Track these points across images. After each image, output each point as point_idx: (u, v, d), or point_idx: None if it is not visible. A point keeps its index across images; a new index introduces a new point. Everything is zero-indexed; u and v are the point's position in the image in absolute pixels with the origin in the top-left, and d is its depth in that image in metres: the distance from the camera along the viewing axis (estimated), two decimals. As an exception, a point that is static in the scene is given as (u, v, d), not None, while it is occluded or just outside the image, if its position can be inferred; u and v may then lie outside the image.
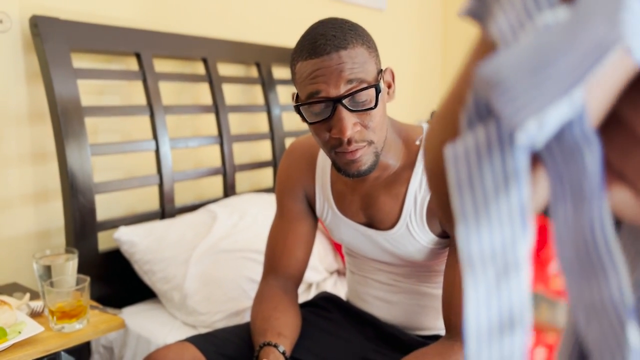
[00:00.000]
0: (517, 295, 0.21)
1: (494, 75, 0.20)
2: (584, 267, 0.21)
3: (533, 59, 0.20)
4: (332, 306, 1.21)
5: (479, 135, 0.21)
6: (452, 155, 0.22)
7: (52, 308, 1.14)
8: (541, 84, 0.19)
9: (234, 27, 2.03)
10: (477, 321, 0.22)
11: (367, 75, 0.88)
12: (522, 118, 0.20)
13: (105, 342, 1.49)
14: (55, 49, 1.42)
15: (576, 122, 0.20)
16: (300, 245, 1.13)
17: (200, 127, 1.94)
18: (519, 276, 0.21)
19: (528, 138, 0.20)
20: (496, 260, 0.21)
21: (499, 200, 0.21)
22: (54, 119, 1.42)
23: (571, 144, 0.20)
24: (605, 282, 0.21)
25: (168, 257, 1.49)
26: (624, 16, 0.18)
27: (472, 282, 0.22)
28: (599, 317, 0.22)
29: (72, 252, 1.27)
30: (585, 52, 0.18)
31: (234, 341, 1.08)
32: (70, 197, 1.42)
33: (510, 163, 0.21)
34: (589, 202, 0.21)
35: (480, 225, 0.21)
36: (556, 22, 0.20)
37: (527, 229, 0.21)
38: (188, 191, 1.90)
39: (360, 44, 0.88)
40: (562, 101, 0.19)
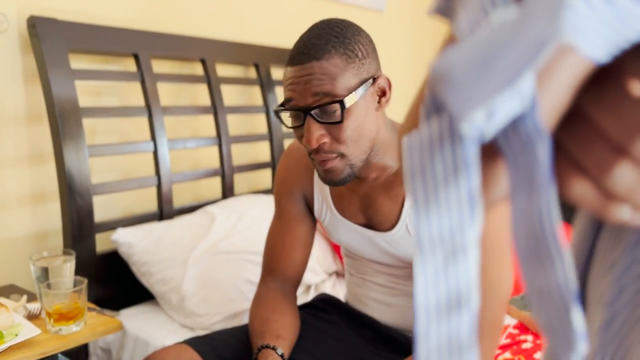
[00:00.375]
0: (464, 278, 0.23)
1: (443, 68, 0.21)
2: (534, 254, 0.23)
3: (480, 54, 0.21)
4: (331, 308, 1.21)
5: (432, 126, 0.23)
6: (407, 146, 0.23)
7: (49, 310, 1.13)
8: (485, 77, 0.20)
9: (232, 28, 2.02)
10: (425, 301, 0.23)
11: (335, 89, 0.87)
12: (465, 109, 0.20)
13: (103, 344, 1.48)
14: (53, 49, 1.41)
15: (529, 115, 0.21)
16: (299, 247, 1.12)
17: (199, 128, 1.94)
18: (467, 260, 0.22)
19: (474, 129, 0.21)
20: (444, 244, 0.23)
21: (448, 188, 0.22)
22: (52, 120, 1.42)
23: (525, 136, 0.21)
24: (552, 268, 0.22)
25: (166, 258, 1.48)
26: (563, 14, 0.19)
27: (421, 264, 0.23)
28: (547, 301, 0.23)
29: (69, 254, 1.26)
30: (526, 46, 0.19)
31: (232, 343, 1.08)
32: (68, 199, 1.42)
33: (460, 153, 0.22)
34: (538, 192, 0.22)
35: (430, 211, 0.23)
36: (506, 19, 0.21)
37: (475, 216, 0.22)
38: (186, 192, 1.89)
39: (340, 54, 0.87)
40: (505, 93, 0.20)
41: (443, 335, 0.23)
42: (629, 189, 0.22)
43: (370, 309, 1.14)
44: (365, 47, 0.91)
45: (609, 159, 0.22)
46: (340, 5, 2.54)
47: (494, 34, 0.21)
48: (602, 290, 0.34)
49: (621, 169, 0.22)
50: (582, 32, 0.19)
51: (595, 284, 0.35)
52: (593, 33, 0.20)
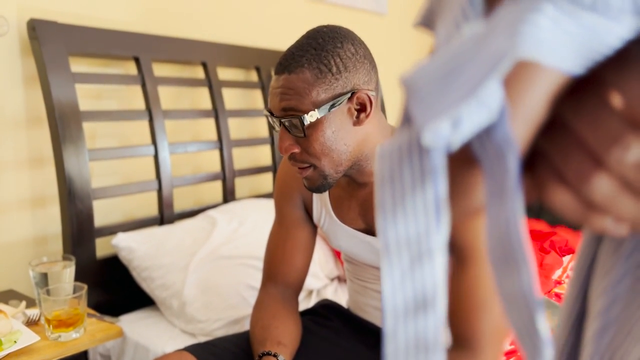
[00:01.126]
0: (430, 280, 0.23)
1: (411, 80, 0.22)
2: (503, 260, 0.23)
3: (445, 66, 0.22)
4: (333, 314, 1.20)
5: (403, 135, 0.24)
6: (379, 154, 0.24)
7: (49, 316, 1.12)
8: (447, 88, 0.21)
9: (233, 31, 2.01)
10: (393, 302, 0.24)
11: (299, 104, 0.87)
12: (427, 119, 0.21)
13: (103, 350, 1.47)
14: (53, 52, 1.40)
15: (499, 126, 0.22)
16: (300, 252, 1.11)
17: (200, 131, 1.93)
18: (432, 263, 0.23)
19: (438, 139, 0.21)
20: (410, 248, 0.24)
21: (415, 195, 0.23)
22: (52, 124, 1.41)
23: (497, 146, 0.22)
24: (518, 275, 0.23)
25: (167, 263, 1.47)
26: (522, 28, 0.20)
27: (388, 266, 0.24)
28: (514, 307, 0.24)
29: (69, 259, 1.25)
30: (485, 60, 0.20)
31: (233, 350, 1.06)
32: (68, 203, 1.40)
33: (427, 161, 0.23)
34: (507, 200, 0.22)
35: (397, 216, 0.24)
36: (472, 34, 0.22)
37: (441, 221, 0.23)
38: (187, 197, 1.88)
39: (312, 69, 0.87)
40: (466, 104, 0.21)
41: (410, 335, 0.24)
42: (608, 199, 0.22)
43: (371, 317, 1.12)
44: (345, 60, 0.88)
45: (588, 168, 0.22)
46: (342, 8, 2.53)
47: (460, 47, 0.22)
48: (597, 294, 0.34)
49: (599, 179, 0.22)
50: (545, 45, 0.20)
51: (594, 293, 0.35)
52: (560, 46, 0.21)
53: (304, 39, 0.91)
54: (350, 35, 0.92)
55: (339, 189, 1.06)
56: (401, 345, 0.24)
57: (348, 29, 0.94)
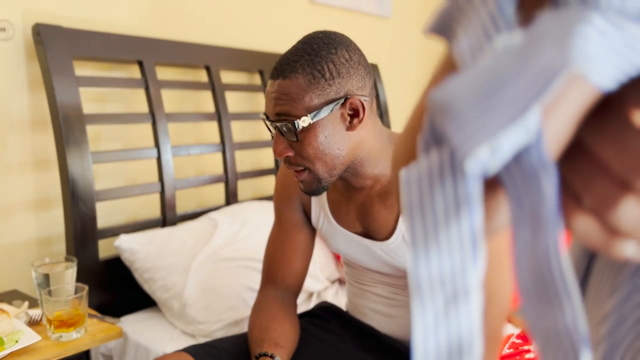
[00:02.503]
0: (466, 323, 0.21)
1: (445, 100, 0.20)
2: (540, 293, 0.21)
3: (484, 85, 0.19)
4: (331, 316, 1.20)
5: (432, 159, 0.21)
6: (405, 179, 0.22)
7: (50, 317, 1.13)
8: (490, 110, 0.19)
9: (236, 35, 2.03)
10: (424, 348, 0.21)
11: (293, 109, 0.89)
12: (471, 146, 0.19)
13: (105, 350, 1.48)
14: (58, 56, 1.42)
15: (533, 147, 0.20)
16: (299, 255, 1.12)
17: (203, 134, 1.94)
18: (469, 303, 0.21)
19: (479, 165, 0.20)
20: (445, 287, 0.21)
21: (449, 227, 0.21)
22: (56, 127, 1.42)
23: (529, 169, 0.20)
24: (560, 310, 0.21)
25: (168, 265, 1.48)
26: (574, 41, 0.18)
27: (420, 308, 0.21)
28: (553, 344, 0.21)
29: (71, 261, 1.27)
30: (534, 77, 0.18)
31: (231, 352, 1.07)
32: (71, 205, 1.42)
33: (462, 189, 0.21)
34: (544, 229, 0.21)
35: (429, 250, 0.21)
36: (511, 46, 0.20)
37: (477, 256, 0.21)
38: (190, 199, 1.90)
39: (305, 74, 0.88)
40: (512, 127, 0.19)
41: None
42: (634, 225, 0.21)
43: (370, 320, 1.13)
44: (339, 66, 0.89)
45: (612, 193, 0.21)
46: (346, 12, 2.54)
47: (499, 62, 0.20)
48: (599, 317, 0.33)
49: (625, 204, 0.20)
50: (592, 60, 0.18)
51: (591, 310, 0.34)
52: (603, 61, 0.19)
53: (300, 44, 0.92)
54: (345, 41, 0.93)
55: (337, 192, 1.07)
56: None
57: (344, 35, 0.95)
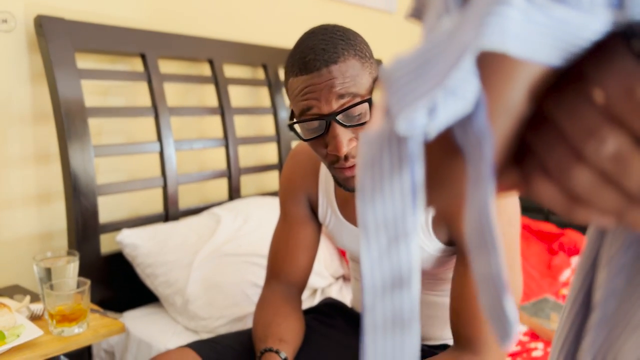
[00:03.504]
0: (406, 260, 0.25)
1: (388, 71, 0.23)
2: (477, 243, 0.24)
3: (420, 58, 0.23)
4: (336, 313, 1.19)
5: (384, 124, 0.25)
6: (363, 140, 0.25)
7: (52, 311, 1.12)
8: (420, 79, 0.22)
9: (240, 28, 2.01)
10: (372, 279, 0.25)
11: (359, 89, 0.84)
12: (400, 108, 0.22)
13: (107, 346, 1.47)
14: (60, 49, 1.41)
15: (477, 116, 0.23)
16: (304, 250, 1.11)
17: (206, 129, 1.93)
18: (408, 244, 0.25)
19: (413, 127, 0.22)
20: (388, 229, 0.25)
21: (393, 180, 0.24)
22: (58, 120, 1.41)
23: (475, 135, 0.23)
24: (488, 258, 0.24)
25: (171, 260, 1.47)
26: (488, 20, 0.20)
27: (367, 246, 0.25)
28: (486, 289, 0.24)
29: (73, 255, 1.25)
30: (454, 52, 0.21)
31: (235, 347, 1.06)
32: (73, 199, 1.41)
33: (404, 149, 0.24)
34: (482, 187, 0.23)
35: (375, 198, 0.25)
36: (449, 26, 0.23)
37: (417, 206, 0.24)
38: (192, 194, 1.88)
39: (352, 55, 0.84)
40: (435, 94, 0.21)
41: (387, 310, 0.25)
42: (588, 192, 0.23)
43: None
44: (367, 47, 0.89)
45: (568, 161, 0.23)
46: (351, 6, 2.52)
47: (436, 39, 0.23)
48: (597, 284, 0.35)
49: (578, 171, 0.23)
50: (514, 37, 0.21)
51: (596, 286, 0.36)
52: (532, 38, 0.21)
53: (321, 35, 0.85)
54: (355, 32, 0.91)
55: None
56: (379, 319, 0.26)
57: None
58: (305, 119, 0.85)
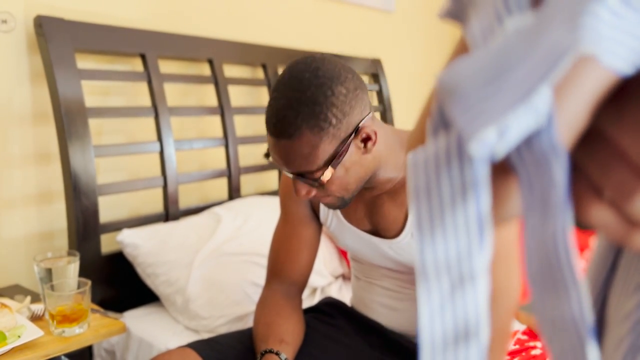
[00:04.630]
0: (473, 307, 0.21)
1: (451, 82, 0.20)
2: (547, 282, 0.21)
3: (491, 66, 0.19)
4: (336, 312, 1.19)
5: (439, 143, 0.21)
6: (412, 163, 0.22)
7: (53, 312, 1.12)
8: (496, 92, 0.19)
9: (240, 28, 2.01)
10: (431, 332, 0.21)
11: (311, 165, 0.86)
12: (475, 128, 0.19)
13: (108, 345, 1.48)
14: (60, 49, 1.41)
15: (544, 132, 0.20)
16: (304, 250, 1.11)
17: (206, 128, 1.93)
18: (475, 287, 0.21)
19: (484, 148, 0.19)
20: (451, 271, 0.21)
21: (456, 211, 0.21)
22: (58, 120, 1.41)
23: (540, 154, 0.20)
24: (566, 298, 0.21)
25: (171, 260, 1.47)
26: (583, 20, 0.17)
27: (426, 292, 0.21)
28: (560, 333, 0.21)
29: (73, 255, 1.26)
30: (541, 58, 0.18)
31: (236, 347, 1.06)
32: (73, 199, 1.41)
33: (469, 173, 0.20)
34: (553, 215, 0.20)
35: (435, 234, 0.21)
36: (521, 28, 0.19)
37: (484, 240, 0.21)
38: (192, 193, 1.88)
39: (311, 128, 0.82)
40: (518, 110, 0.18)
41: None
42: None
43: (376, 314, 1.12)
44: (341, 106, 0.84)
45: (631, 183, 0.20)
46: (349, 5, 2.52)
47: (508, 44, 0.19)
48: (626, 311, 0.32)
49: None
50: (604, 41, 0.18)
51: (617, 305, 0.33)
52: (616, 43, 0.18)
53: (289, 91, 0.84)
54: (334, 71, 0.85)
55: None
56: None
57: (328, 59, 0.88)
58: (274, 165, 0.93)
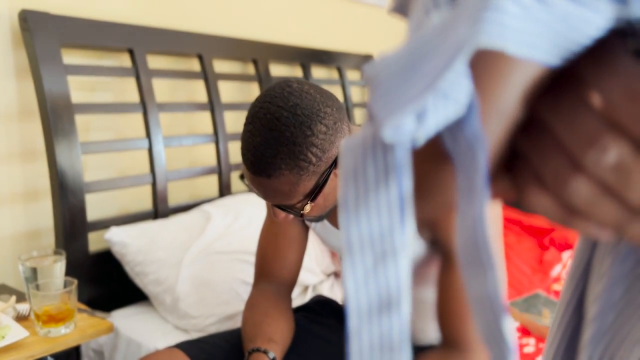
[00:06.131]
0: (394, 280, 0.23)
1: (372, 72, 0.21)
2: (471, 260, 0.22)
3: (408, 57, 0.21)
4: (327, 311, 1.18)
5: (367, 130, 0.22)
6: (344, 148, 0.23)
7: (38, 312, 1.10)
8: (408, 81, 0.20)
9: (230, 23, 1.99)
10: (357, 301, 0.23)
11: (289, 201, 0.85)
12: (387, 114, 0.20)
13: (96, 345, 1.45)
14: (45, 44, 1.38)
15: (469, 120, 0.21)
16: (292, 248, 1.09)
17: (195, 125, 1.91)
18: (396, 263, 0.23)
19: (399, 134, 0.20)
20: (374, 247, 0.23)
21: (379, 192, 0.22)
22: (44, 116, 1.39)
23: (467, 141, 0.21)
24: (484, 277, 0.22)
25: (160, 258, 1.45)
26: (484, 15, 0.18)
27: (351, 265, 0.23)
28: (482, 309, 0.23)
29: (59, 254, 1.23)
30: (448, 50, 0.19)
31: (224, 347, 1.05)
32: (60, 197, 1.39)
33: (391, 158, 0.22)
34: (476, 199, 0.21)
35: (360, 214, 0.23)
36: (439, 21, 0.21)
37: (405, 221, 0.22)
38: (182, 191, 1.86)
39: (290, 169, 0.79)
40: (426, 97, 0.19)
41: (374, 335, 0.23)
42: (587, 204, 0.21)
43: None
44: (321, 145, 0.81)
45: (566, 171, 0.21)
46: (341, 0, 2.50)
47: (425, 36, 0.21)
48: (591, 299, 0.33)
49: (577, 182, 0.21)
50: (513, 33, 0.19)
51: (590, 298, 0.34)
52: (531, 35, 0.19)
53: (266, 130, 0.79)
54: (314, 107, 0.81)
55: None
56: (365, 345, 0.24)
57: (305, 91, 0.83)
58: (253, 191, 0.89)
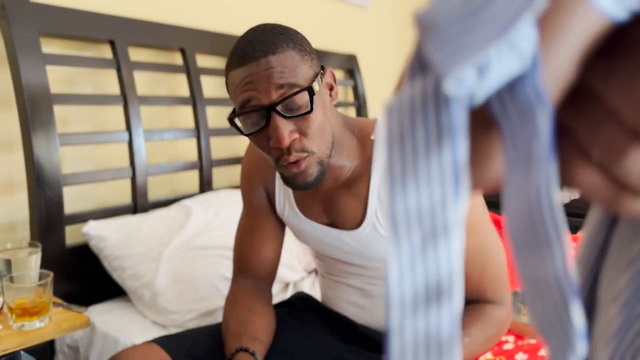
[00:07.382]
0: (446, 263, 0.19)
1: (428, 18, 0.18)
2: (530, 239, 0.20)
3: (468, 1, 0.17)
4: (308, 307, 1.17)
5: (415, 87, 0.19)
6: (388, 108, 0.20)
7: (12, 305, 1.08)
8: (475, 27, 0.17)
9: (214, 18, 1.97)
10: (400, 290, 0.19)
11: (299, 79, 0.82)
12: (452, 64, 0.17)
13: (71, 341, 1.43)
14: (23, 33, 1.35)
15: (528, 77, 0.18)
16: (269, 242, 1.08)
17: (177, 119, 1.89)
18: (449, 242, 0.19)
19: (461, 88, 0.17)
20: (423, 223, 0.19)
21: (430, 159, 0.19)
22: (21, 107, 1.36)
23: (523, 103, 0.18)
24: (550, 256, 0.19)
25: (139, 253, 1.43)
26: None
27: (395, 246, 0.19)
28: (542, 294, 0.20)
29: (35, 246, 1.21)
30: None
31: (203, 342, 1.03)
32: (36, 189, 1.36)
33: (445, 118, 0.18)
34: (537, 168, 0.18)
35: (407, 185, 0.19)
36: None
37: (460, 191, 0.19)
38: (162, 185, 1.84)
39: (291, 47, 0.83)
40: (497, 46, 0.17)
41: (420, 330, 0.20)
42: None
43: (345, 311, 1.10)
44: (308, 43, 0.88)
45: (621, 143, 0.19)
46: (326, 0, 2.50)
47: None
48: (618, 289, 0.30)
49: (634, 155, 0.18)
50: None
51: (609, 283, 0.31)
52: None
53: (259, 31, 0.86)
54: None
55: None
56: (409, 343, 0.20)
57: None
58: (245, 112, 0.83)
